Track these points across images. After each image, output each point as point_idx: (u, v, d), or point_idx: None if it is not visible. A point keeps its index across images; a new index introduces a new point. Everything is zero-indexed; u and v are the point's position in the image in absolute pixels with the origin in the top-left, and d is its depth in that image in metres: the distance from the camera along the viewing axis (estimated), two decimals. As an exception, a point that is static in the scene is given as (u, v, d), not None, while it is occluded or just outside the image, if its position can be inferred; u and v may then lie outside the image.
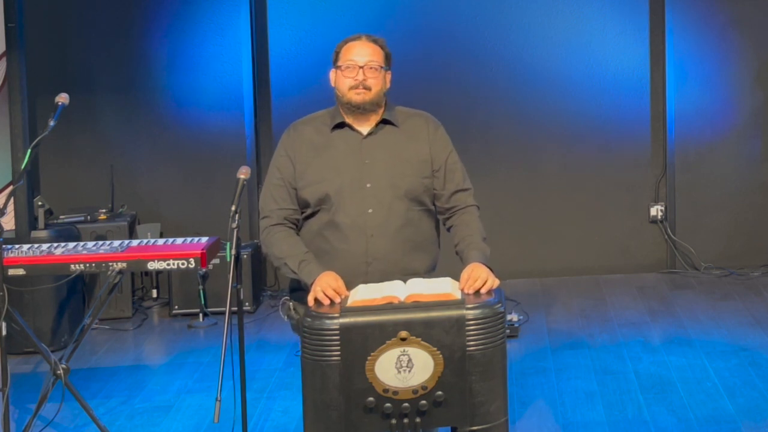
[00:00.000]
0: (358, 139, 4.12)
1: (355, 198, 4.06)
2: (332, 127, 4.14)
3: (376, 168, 4.09)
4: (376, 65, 4.08)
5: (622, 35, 7.52)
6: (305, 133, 4.17)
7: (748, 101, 7.53)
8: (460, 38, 7.42)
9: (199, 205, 7.39)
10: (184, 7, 7.32)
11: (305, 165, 4.12)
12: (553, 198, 7.57)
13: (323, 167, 4.10)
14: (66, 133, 7.16)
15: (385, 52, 4.14)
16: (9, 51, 6.44)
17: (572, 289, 7.28)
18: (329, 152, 4.12)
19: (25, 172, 4.67)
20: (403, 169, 4.10)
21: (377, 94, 4.10)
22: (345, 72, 4.09)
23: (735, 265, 7.53)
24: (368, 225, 4.05)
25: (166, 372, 5.94)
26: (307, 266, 3.98)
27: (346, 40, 4.16)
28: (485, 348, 3.63)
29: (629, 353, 5.90)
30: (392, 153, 4.11)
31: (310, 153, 4.13)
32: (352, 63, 4.08)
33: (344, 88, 4.10)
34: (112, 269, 4.84)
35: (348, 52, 4.11)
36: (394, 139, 4.14)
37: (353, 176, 4.08)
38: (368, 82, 4.08)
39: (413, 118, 4.21)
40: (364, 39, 4.13)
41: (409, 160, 4.12)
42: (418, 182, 4.11)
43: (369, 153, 4.11)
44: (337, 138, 4.14)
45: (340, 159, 4.10)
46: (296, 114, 7.57)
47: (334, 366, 3.60)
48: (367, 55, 4.09)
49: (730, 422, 4.89)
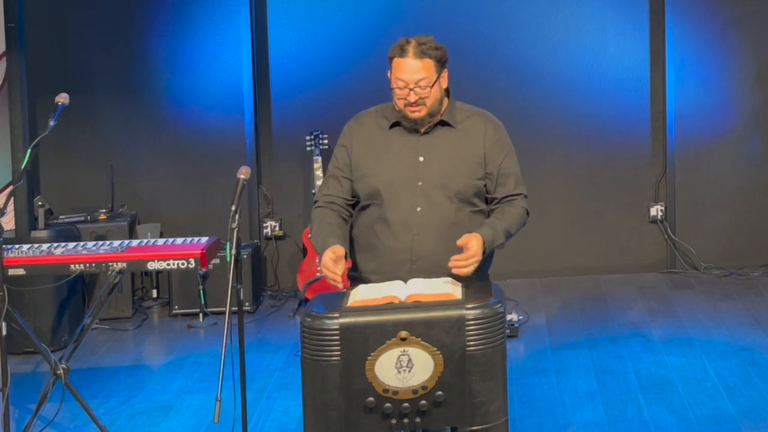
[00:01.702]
0: (414, 137, 4.12)
1: (405, 195, 4.07)
2: (391, 123, 4.14)
3: (428, 167, 4.08)
4: (426, 84, 4.02)
5: (622, 35, 7.52)
6: (366, 126, 4.17)
7: (748, 101, 7.53)
8: (460, 39, 7.42)
9: (199, 205, 7.39)
10: (184, 7, 7.31)
11: (361, 157, 4.13)
12: (553, 198, 7.57)
13: (377, 162, 4.10)
14: (66, 133, 7.16)
15: (436, 57, 4.04)
16: (9, 51, 6.44)
17: (572, 289, 7.29)
18: (385, 148, 4.12)
19: (25, 172, 4.67)
20: (455, 170, 4.08)
21: (432, 107, 4.07)
22: (396, 91, 4.04)
23: (735, 265, 7.53)
24: (415, 223, 4.05)
25: (166, 372, 5.94)
26: (325, 241, 3.99)
27: (395, 51, 4.04)
28: (485, 348, 3.63)
29: (629, 353, 5.90)
30: (446, 153, 4.10)
31: (367, 146, 4.13)
32: (401, 83, 4.02)
33: (399, 103, 4.06)
34: (112, 269, 4.84)
35: (397, 70, 4.03)
36: (450, 139, 4.12)
37: (405, 174, 4.08)
38: (420, 101, 4.04)
39: (472, 118, 4.17)
40: (410, 54, 4.01)
41: (463, 160, 4.09)
42: (469, 183, 4.09)
43: (424, 151, 4.10)
44: (394, 134, 4.13)
45: (395, 155, 4.10)
46: (296, 114, 7.65)
47: (334, 366, 3.60)
48: (414, 74, 4.00)
49: (730, 422, 4.89)
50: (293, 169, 7.52)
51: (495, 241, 4.00)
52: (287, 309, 7.04)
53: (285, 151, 7.53)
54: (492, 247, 4.00)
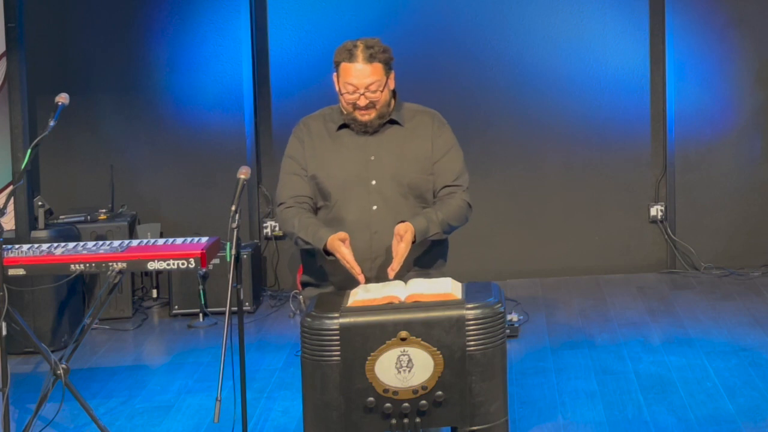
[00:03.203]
0: (363, 138, 4.13)
1: (359, 194, 4.08)
2: (339, 126, 4.15)
3: (380, 164, 4.10)
4: (376, 88, 4.04)
5: (622, 35, 7.52)
6: (314, 128, 4.19)
7: (748, 101, 7.53)
8: (460, 38, 7.42)
9: (199, 205, 7.39)
10: (184, 7, 7.31)
11: (312, 158, 4.14)
12: (553, 198, 7.57)
13: (327, 163, 4.12)
14: (66, 133, 7.16)
15: (384, 60, 4.07)
16: (9, 51, 6.44)
17: (572, 289, 7.28)
18: (335, 149, 4.14)
19: (25, 172, 4.67)
20: (407, 166, 4.11)
21: (381, 110, 4.10)
22: (345, 96, 4.06)
23: (735, 265, 7.52)
24: (372, 222, 4.06)
25: (166, 372, 5.94)
26: (317, 233, 4.00)
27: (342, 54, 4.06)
28: (485, 348, 3.63)
29: (629, 353, 5.89)
30: (396, 150, 4.12)
31: (317, 148, 4.15)
32: (351, 87, 4.04)
33: (348, 106, 4.08)
34: (112, 269, 4.83)
35: (346, 74, 4.04)
36: (399, 137, 4.14)
37: (358, 173, 4.09)
38: (371, 104, 4.06)
39: (419, 116, 4.21)
40: (360, 59, 4.02)
41: (414, 156, 4.13)
42: (421, 179, 4.12)
43: (375, 150, 4.12)
44: (344, 135, 4.15)
45: (345, 156, 4.11)
46: (296, 114, 7.58)
47: (334, 366, 3.60)
48: (365, 78, 4.02)
49: (730, 422, 4.89)
50: (293, 169, 7.51)
51: (428, 231, 4.01)
52: (287, 309, 7.04)
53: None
54: (425, 236, 4.01)
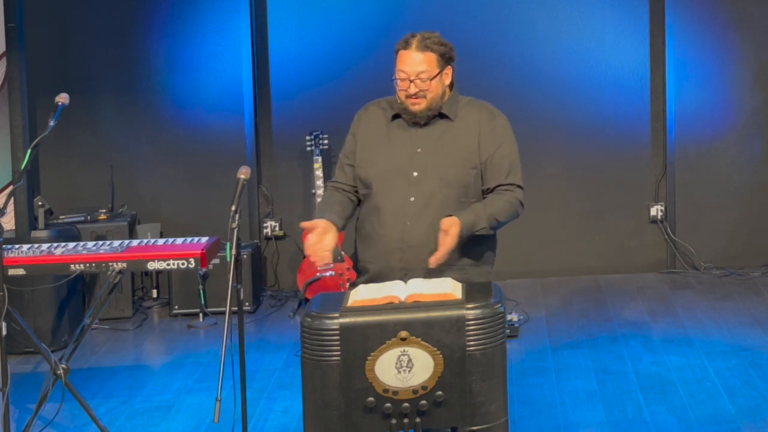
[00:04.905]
0: (413, 130, 4.15)
1: (399, 185, 4.10)
2: (393, 116, 4.17)
3: (425, 158, 4.12)
4: (426, 77, 4.07)
5: (622, 35, 7.52)
6: (373, 115, 4.24)
7: (748, 101, 7.53)
8: (461, 38, 7.36)
9: (199, 205, 7.39)
10: (184, 7, 7.31)
11: (362, 146, 4.19)
12: (553, 198, 7.57)
13: (375, 152, 4.15)
14: (66, 133, 7.16)
15: (439, 51, 4.09)
16: (9, 51, 6.45)
17: (572, 289, 7.28)
18: (385, 138, 4.17)
19: (25, 172, 4.67)
20: (450, 160, 4.11)
21: (432, 101, 4.11)
22: (398, 82, 4.10)
23: (735, 265, 7.53)
24: (407, 213, 4.07)
25: (166, 372, 5.94)
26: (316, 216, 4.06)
27: (400, 44, 4.11)
28: (485, 348, 3.63)
29: (629, 353, 5.89)
30: (443, 144, 4.13)
31: (370, 136, 4.19)
32: (403, 75, 4.08)
33: (400, 95, 4.12)
34: (112, 269, 4.83)
35: (400, 62, 4.10)
36: (447, 131, 4.15)
37: (401, 164, 4.11)
38: (420, 93, 4.08)
39: (467, 109, 4.19)
40: (413, 47, 4.08)
41: (459, 151, 4.12)
42: (464, 173, 4.11)
43: (422, 143, 4.13)
44: (396, 126, 4.18)
45: (393, 146, 4.14)
46: (296, 114, 7.65)
47: (334, 366, 3.60)
48: (416, 66, 4.06)
49: (730, 422, 4.89)
50: (293, 169, 7.52)
51: (475, 226, 4.00)
52: (287, 309, 7.04)
53: (285, 151, 7.53)
54: (471, 231, 4.00)
